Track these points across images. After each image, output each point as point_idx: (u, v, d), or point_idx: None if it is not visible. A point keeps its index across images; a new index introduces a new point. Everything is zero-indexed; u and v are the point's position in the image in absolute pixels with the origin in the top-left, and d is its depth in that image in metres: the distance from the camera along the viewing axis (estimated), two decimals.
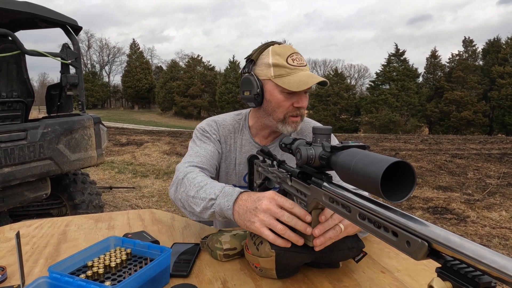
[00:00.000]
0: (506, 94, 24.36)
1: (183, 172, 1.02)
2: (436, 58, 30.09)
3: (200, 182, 0.94)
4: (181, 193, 0.98)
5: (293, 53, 1.09)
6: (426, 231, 0.41)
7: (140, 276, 0.71)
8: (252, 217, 0.76)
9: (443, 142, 12.23)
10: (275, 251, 0.78)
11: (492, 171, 6.82)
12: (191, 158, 1.11)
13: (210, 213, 0.88)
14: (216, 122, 1.25)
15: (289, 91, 1.06)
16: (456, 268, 0.38)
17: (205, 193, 0.89)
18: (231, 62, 33.86)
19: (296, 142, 0.76)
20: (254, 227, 0.75)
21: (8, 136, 2.41)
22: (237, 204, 0.81)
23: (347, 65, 51.91)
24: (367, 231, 0.52)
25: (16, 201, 2.65)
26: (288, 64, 1.06)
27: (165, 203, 4.74)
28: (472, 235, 3.66)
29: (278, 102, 1.10)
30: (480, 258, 0.34)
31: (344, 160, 0.55)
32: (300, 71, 1.07)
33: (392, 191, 0.47)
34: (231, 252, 0.93)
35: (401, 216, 0.45)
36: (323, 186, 0.64)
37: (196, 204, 0.91)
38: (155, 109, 45.29)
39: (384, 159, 0.47)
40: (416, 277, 0.84)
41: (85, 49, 48.55)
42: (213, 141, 1.20)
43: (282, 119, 1.12)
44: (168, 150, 9.29)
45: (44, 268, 0.90)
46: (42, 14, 2.75)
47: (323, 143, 0.65)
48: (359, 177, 0.50)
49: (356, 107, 30.76)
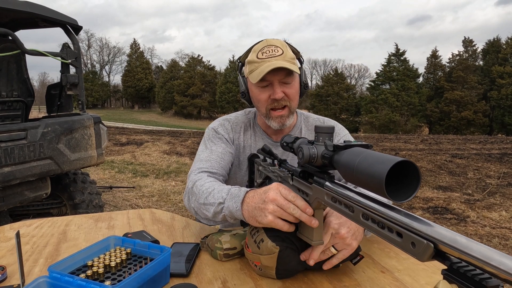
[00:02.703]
0: (506, 94, 24.32)
1: (192, 181, 1.02)
2: (437, 58, 30.03)
3: (208, 188, 0.94)
4: (193, 202, 0.98)
5: (265, 46, 1.08)
6: (431, 232, 0.40)
7: (140, 276, 0.71)
8: (262, 211, 0.75)
9: (443, 142, 12.23)
10: (280, 247, 0.78)
11: (492, 171, 6.81)
12: (201, 163, 1.11)
13: (222, 217, 0.88)
14: (229, 121, 1.25)
15: (258, 84, 1.07)
16: (462, 270, 0.37)
17: (213, 198, 0.90)
18: (231, 61, 33.86)
19: (298, 140, 0.75)
20: (267, 221, 0.74)
21: (8, 135, 2.41)
22: (245, 203, 0.81)
23: (347, 65, 51.89)
24: (370, 231, 0.51)
25: (16, 201, 2.65)
26: (257, 58, 1.07)
27: (165, 202, 4.74)
28: (472, 235, 3.66)
29: (256, 97, 1.12)
30: (488, 260, 0.34)
31: (347, 159, 0.54)
32: (266, 62, 1.05)
33: (396, 191, 0.46)
34: (231, 251, 0.93)
35: (406, 216, 0.45)
36: (325, 186, 0.63)
37: (207, 210, 0.92)
38: (155, 109, 45.28)
39: (389, 158, 0.46)
40: (416, 277, 0.84)
41: (85, 48, 48.56)
42: (225, 142, 1.19)
43: (265, 114, 1.12)
44: (168, 149, 9.29)
45: (44, 268, 0.89)
46: (42, 14, 2.75)
47: (325, 142, 0.63)
48: (363, 176, 0.49)
49: (356, 107, 30.73)
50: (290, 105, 1.10)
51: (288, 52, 1.08)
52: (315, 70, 50.94)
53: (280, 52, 1.06)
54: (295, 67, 1.05)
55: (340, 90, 30.94)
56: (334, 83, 31.14)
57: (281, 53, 1.06)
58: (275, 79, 1.06)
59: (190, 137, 12.31)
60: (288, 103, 1.10)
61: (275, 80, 1.06)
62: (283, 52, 1.06)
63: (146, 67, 45.12)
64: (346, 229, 0.78)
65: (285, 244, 0.80)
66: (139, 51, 45.80)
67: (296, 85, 1.11)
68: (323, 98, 30.89)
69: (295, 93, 1.11)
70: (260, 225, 0.77)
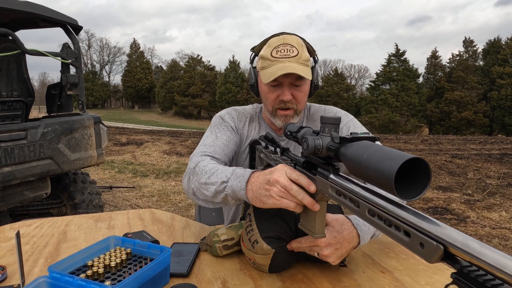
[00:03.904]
0: (506, 94, 24.33)
1: (195, 162, 1.01)
2: (437, 58, 30.04)
3: (212, 168, 0.93)
4: (193, 182, 0.96)
5: (281, 45, 1.06)
6: (442, 233, 0.39)
7: (140, 276, 0.71)
8: (266, 191, 0.74)
9: (443, 142, 12.23)
10: (274, 249, 0.78)
11: (492, 172, 6.81)
12: (205, 148, 1.10)
13: (223, 197, 0.87)
14: (236, 111, 1.25)
15: (270, 83, 1.06)
16: (473, 275, 0.36)
17: (216, 178, 0.88)
18: (231, 62, 33.86)
19: (302, 130, 0.73)
20: (272, 201, 0.73)
21: (8, 135, 2.41)
22: (250, 183, 0.80)
23: (347, 65, 51.71)
24: (376, 228, 0.50)
25: (16, 201, 2.65)
26: (271, 56, 1.06)
27: (165, 202, 4.74)
28: (472, 236, 3.65)
29: (264, 94, 1.12)
30: (502, 267, 0.33)
31: (355, 152, 0.52)
32: (279, 63, 1.03)
33: (405, 189, 0.45)
34: (229, 242, 0.92)
35: (414, 215, 0.43)
36: (329, 178, 0.61)
37: (207, 190, 0.90)
38: (155, 109, 45.26)
39: (399, 154, 0.44)
40: (416, 277, 0.84)
41: (85, 48, 48.51)
42: (230, 130, 1.18)
43: (271, 111, 1.12)
44: (168, 149, 9.29)
45: (44, 268, 0.90)
46: (42, 14, 2.75)
47: (332, 133, 0.60)
48: (371, 172, 0.47)
49: (356, 107, 30.74)
50: (297, 107, 1.09)
51: (303, 53, 1.05)
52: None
53: (295, 53, 1.04)
54: (307, 71, 1.04)
55: (340, 91, 30.96)
56: (334, 83, 31.15)
57: (296, 54, 1.04)
58: (285, 80, 1.05)
59: (190, 137, 12.31)
60: (295, 106, 1.09)
61: (286, 82, 1.05)
62: (298, 53, 1.04)
63: (146, 67, 45.09)
64: (331, 250, 0.79)
65: (280, 245, 0.80)
66: (139, 51, 45.79)
67: (306, 88, 1.10)
68: (323, 99, 30.88)
69: (303, 96, 1.10)
70: (265, 205, 0.76)
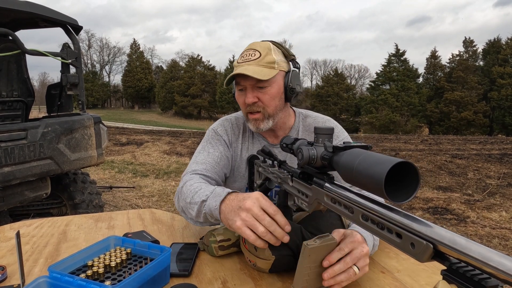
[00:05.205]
0: (506, 94, 24.33)
1: (184, 181, 1.03)
2: (436, 58, 30.04)
3: (196, 187, 0.94)
4: (181, 201, 0.99)
5: (246, 50, 1.08)
6: (431, 232, 0.41)
7: (140, 276, 0.71)
8: (234, 216, 0.75)
9: (443, 142, 12.23)
10: (276, 257, 0.79)
11: (492, 172, 6.82)
12: (196, 166, 1.11)
13: (203, 216, 0.88)
14: (229, 121, 1.24)
15: (237, 87, 1.10)
16: (462, 270, 0.37)
17: (198, 197, 0.90)
18: (231, 62, 33.91)
19: (297, 142, 0.76)
20: (235, 226, 0.74)
21: (8, 135, 2.41)
22: (224, 203, 0.81)
23: (347, 65, 51.83)
24: (370, 232, 0.51)
25: (16, 201, 2.65)
26: (237, 62, 1.09)
27: (165, 202, 4.74)
28: (472, 236, 3.66)
29: (236, 99, 1.14)
30: (487, 261, 0.34)
31: (346, 160, 0.54)
32: (240, 67, 1.05)
33: (396, 192, 0.46)
34: (225, 243, 0.93)
35: (405, 217, 0.45)
36: (325, 187, 0.63)
37: (192, 209, 0.92)
38: (155, 109, 45.28)
39: (388, 159, 0.46)
40: (416, 277, 0.84)
41: (85, 48, 48.54)
42: (223, 145, 1.19)
43: (246, 115, 1.14)
44: (168, 150, 9.29)
45: (44, 268, 0.90)
46: (42, 14, 2.75)
47: (325, 143, 0.63)
48: (362, 177, 0.49)
49: (356, 107, 30.76)
50: (264, 110, 1.08)
51: (267, 56, 1.04)
52: (315, 71, 50.98)
53: (257, 56, 1.04)
54: (266, 72, 1.02)
55: (340, 91, 30.97)
56: (334, 83, 31.16)
57: (257, 57, 1.04)
58: (247, 84, 1.06)
59: (190, 137, 12.31)
60: (262, 109, 1.08)
61: (247, 85, 1.06)
62: (261, 55, 1.04)
63: (146, 67, 45.11)
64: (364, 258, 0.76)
65: (282, 253, 0.80)
66: (139, 51, 45.80)
67: (272, 90, 1.06)
68: (323, 99, 30.91)
69: (269, 99, 1.07)
70: (231, 229, 0.78)
